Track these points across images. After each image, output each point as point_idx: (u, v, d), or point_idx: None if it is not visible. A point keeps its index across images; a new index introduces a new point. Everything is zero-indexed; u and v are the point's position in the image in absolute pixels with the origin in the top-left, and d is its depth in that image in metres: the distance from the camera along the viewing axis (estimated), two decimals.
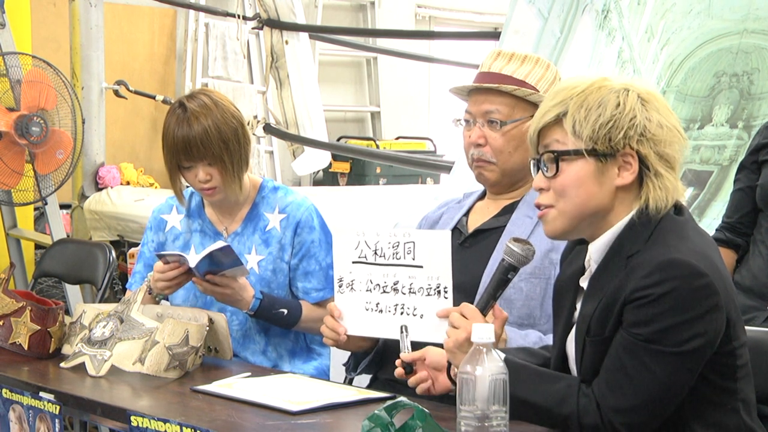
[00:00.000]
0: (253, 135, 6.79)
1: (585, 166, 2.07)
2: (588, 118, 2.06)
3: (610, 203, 2.09)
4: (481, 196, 2.79)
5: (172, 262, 2.83)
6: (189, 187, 3.07)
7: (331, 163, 7.96)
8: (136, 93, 6.57)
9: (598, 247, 2.11)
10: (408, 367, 2.33)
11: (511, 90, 2.62)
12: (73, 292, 5.20)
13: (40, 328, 2.80)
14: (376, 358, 2.62)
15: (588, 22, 4.41)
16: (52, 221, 5.34)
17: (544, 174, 2.11)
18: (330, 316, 2.51)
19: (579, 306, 2.14)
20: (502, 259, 2.24)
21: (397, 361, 2.35)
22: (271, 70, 6.70)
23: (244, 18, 6.78)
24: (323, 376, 3.04)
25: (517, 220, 2.63)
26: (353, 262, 2.49)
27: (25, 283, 5.39)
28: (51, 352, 2.82)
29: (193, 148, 2.89)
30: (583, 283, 2.15)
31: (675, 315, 1.96)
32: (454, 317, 2.22)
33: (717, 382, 2.04)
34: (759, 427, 2.11)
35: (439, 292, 2.37)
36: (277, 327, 3.01)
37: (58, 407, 2.45)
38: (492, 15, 10.18)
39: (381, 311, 2.46)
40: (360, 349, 2.60)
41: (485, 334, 1.88)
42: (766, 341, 2.33)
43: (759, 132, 3.30)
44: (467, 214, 2.76)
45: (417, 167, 7.17)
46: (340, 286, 2.51)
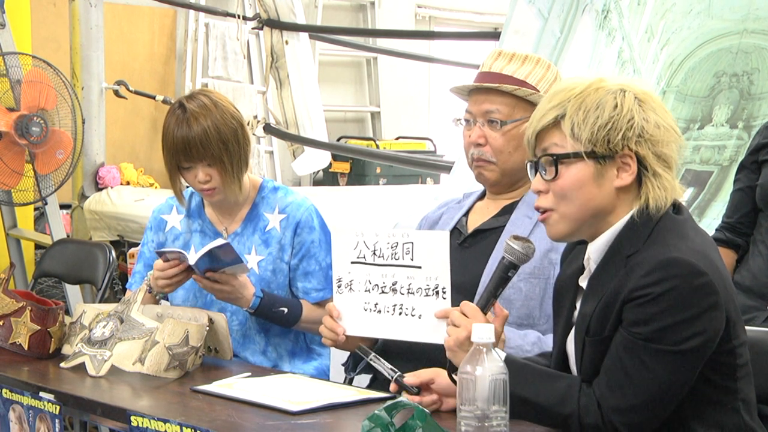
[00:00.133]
0: (253, 135, 6.79)
1: (584, 169, 2.07)
2: (586, 120, 2.05)
3: (610, 204, 2.09)
4: (481, 197, 2.79)
5: (172, 259, 2.83)
6: (189, 187, 3.07)
7: (331, 163, 7.96)
8: (136, 93, 6.57)
9: (597, 246, 2.11)
10: (403, 386, 2.27)
11: (512, 90, 2.62)
12: (73, 292, 5.20)
13: (40, 328, 2.80)
14: None
15: (588, 22, 4.41)
16: (52, 221, 5.34)
17: (543, 177, 2.11)
18: (329, 316, 2.51)
19: (579, 306, 2.14)
20: (503, 257, 2.24)
21: (392, 386, 2.29)
22: (271, 70, 6.70)
23: (244, 18, 6.78)
24: (323, 376, 3.04)
25: (517, 220, 2.63)
26: (352, 263, 2.49)
27: (25, 283, 5.39)
28: (51, 352, 2.82)
29: (193, 148, 2.89)
30: (583, 282, 2.15)
31: (674, 314, 1.96)
32: (454, 316, 2.22)
33: (717, 382, 2.04)
34: (759, 426, 2.11)
35: (437, 292, 2.37)
36: (277, 327, 3.01)
37: (58, 407, 2.45)
38: (492, 15, 10.18)
39: (379, 312, 2.45)
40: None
41: (485, 334, 1.88)
42: (766, 341, 2.32)
43: (759, 132, 3.30)
44: (467, 214, 2.76)
45: (417, 167, 7.17)
46: (339, 287, 2.50)
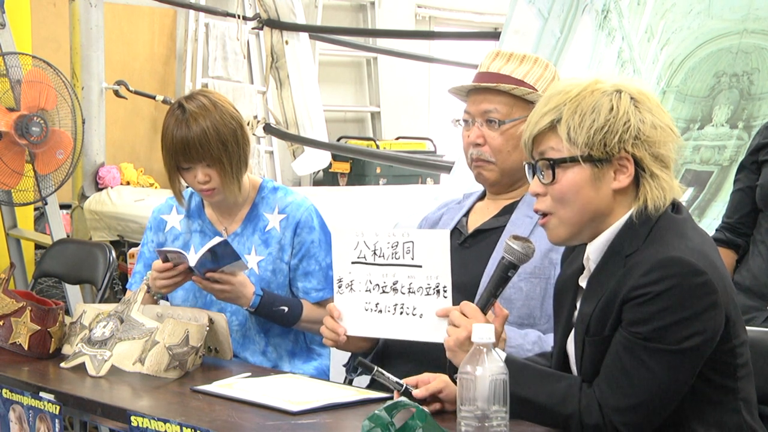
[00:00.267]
0: (253, 135, 6.79)
1: (581, 173, 2.07)
2: (582, 124, 2.05)
3: (608, 207, 2.09)
4: (481, 197, 2.79)
5: (172, 259, 2.83)
6: (189, 187, 3.07)
7: (331, 163, 7.95)
8: (136, 93, 6.57)
9: (596, 246, 2.11)
10: (407, 393, 2.26)
11: (510, 89, 2.62)
12: (73, 292, 5.20)
13: (40, 328, 2.80)
14: (376, 359, 2.62)
15: (588, 22, 4.41)
16: (52, 221, 5.34)
17: (541, 180, 2.11)
18: (329, 316, 2.51)
19: (579, 305, 2.14)
20: (503, 257, 2.24)
21: (395, 395, 2.27)
22: (271, 70, 6.70)
23: (244, 18, 6.78)
24: (323, 376, 3.04)
25: (517, 220, 2.63)
26: (352, 263, 2.48)
27: (25, 283, 5.39)
28: (51, 352, 2.82)
29: (192, 149, 2.89)
30: (583, 282, 2.15)
31: (674, 313, 1.96)
32: (454, 316, 2.22)
33: (717, 381, 2.04)
34: (760, 426, 2.11)
35: (438, 291, 2.37)
36: (277, 327, 3.01)
37: (58, 407, 2.45)
38: (492, 15, 10.18)
39: (380, 311, 2.45)
40: (360, 349, 2.60)
41: (485, 334, 1.88)
42: (766, 341, 2.32)
43: (759, 132, 3.30)
44: (467, 214, 2.76)
45: (417, 167, 7.16)
46: (340, 287, 2.50)
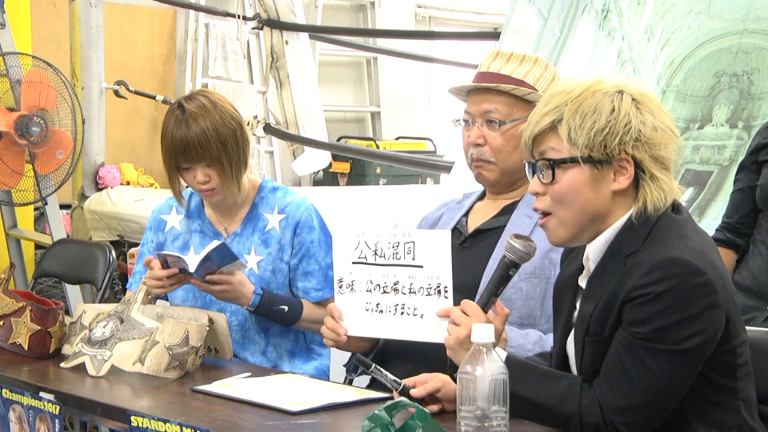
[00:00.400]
0: (253, 135, 6.79)
1: (581, 173, 2.07)
2: (583, 125, 2.05)
3: (608, 207, 2.08)
4: (481, 197, 2.79)
5: (172, 264, 2.82)
6: (188, 187, 3.07)
7: (331, 163, 7.96)
8: (136, 93, 6.57)
9: (596, 246, 2.11)
10: (405, 392, 2.26)
11: (510, 89, 2.62)
12: (73, 292, 5.20)
13: (40, 328, 2.80)
14: (376, 359, 2.62)
15: (588, 22, 4.41)
16: (52, 221, 5.34)
17: (540, 180, 2.11)
18: (330, 316, 2.51)
19: (578, 305, 2.14)
20: (503, 256, 2.24)
21: (395, 394, 2.27)
22: (271, 70, 6.70)
23: (244, 18, 6.78)
24: (323, 376, 3.04)
25: (517, 220, 2.63)
26: (353, 263, 2.48)
27: (25, 283, 5.39)
28: (51, 352, 2.82)
29: (191, 149, 2.89)
30: (582, 282, 2.15)
31: (674, 313, 1.96)
32: (455, 314, 2.22)
33: (717, 381, 2.04)
34: (760, 426, 2.11)
35: (439, 291, 2.37)
36: (277, 327, 3.01)
37: (58, 407, 2.45)
38: (492, 15, 10.18)
39: (381, 311, 2.45)
40: (360, 349, 2.59)
41: (485, 334, 1.88)
42: (766, 341, 2.32)
43: (759, 132, 3.30)
44: (467, 214, 2.76)
45: (417, 167, 7.17)
46: (340, 287, 2.50)
